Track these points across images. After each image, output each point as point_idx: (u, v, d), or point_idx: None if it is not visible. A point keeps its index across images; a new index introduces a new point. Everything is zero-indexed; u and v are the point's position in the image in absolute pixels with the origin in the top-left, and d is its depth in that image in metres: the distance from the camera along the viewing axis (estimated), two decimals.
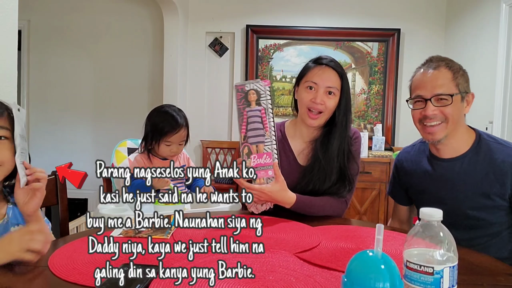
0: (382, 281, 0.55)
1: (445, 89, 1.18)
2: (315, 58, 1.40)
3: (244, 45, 3.72)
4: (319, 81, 1.32)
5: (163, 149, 1.83)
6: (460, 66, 1.23)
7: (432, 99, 1.19)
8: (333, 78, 1.33)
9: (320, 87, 1.32)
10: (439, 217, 0.67)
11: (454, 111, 1.18)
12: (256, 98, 1.14)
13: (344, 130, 1.36)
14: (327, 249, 0.95)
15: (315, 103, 1.32)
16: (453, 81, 1.18)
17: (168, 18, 3.50)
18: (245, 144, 1.14)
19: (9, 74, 1.33)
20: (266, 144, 1.15)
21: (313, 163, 1.35)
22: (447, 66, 1.20)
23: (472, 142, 1.23)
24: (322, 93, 1.32)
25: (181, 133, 1.82)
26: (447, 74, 1.19)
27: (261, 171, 1.15)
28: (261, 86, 1.15)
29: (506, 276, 0.85)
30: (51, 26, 3.94)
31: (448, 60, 1.23)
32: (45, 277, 0.79)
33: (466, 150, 1.23)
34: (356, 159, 1.40)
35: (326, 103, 1.32)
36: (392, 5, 3.66)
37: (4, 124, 0.95)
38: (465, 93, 1.20)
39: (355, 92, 3.72)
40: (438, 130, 1.19)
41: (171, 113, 1.83)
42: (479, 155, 1.21)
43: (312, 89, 1.33)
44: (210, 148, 3.79)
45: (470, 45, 3.15)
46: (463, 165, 1.21)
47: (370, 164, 3.23)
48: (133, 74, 3.91)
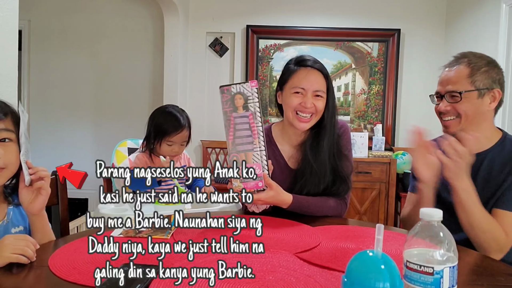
0: (382, 281, 0.55)
1: (457, 86, 1.20)
2: (296, 58, 1.36)
3: (244, 45, 3.72)
4: (306, 85, 1.29)
5: (165, 149, 1.83)
6: (489, 62, 1.22)
7: (446, 95, 1.23)
8: (319, 81, 1.31)
9: (308, 91, 1.29)
10: (439, 217, 0.67)
11: (468, 108, 1.20)
12: (243, 102, 1.08)
13: (332, 130, 1.34)
14: (327, 249, 0.95)
15: (305, 107, 1.29)
16: (468, 78, 1.19)
17: (169, 18, 3.50)
18: (234, 154, 1.10)
19: (9, 74, 1.33)
20: (255, 151, 1.10)
21: (304, 168, 1.33)
22: (468, 63, 1.21)
23: (496, 140, 1.24)
24: (310, 96, 1.29)
25: (184, 133, 1.83)
26: (464, 71, 1.20)
27: (250, 183, 1.11)
28: (248, 88, 1.08)
29: (506, 276, 0.85)
30: (51, 26, 3.94)
31: (473, 56, 1.23)
32: (45, 277, 0.79)
33: (489, 147, 1.23)
34: (349, 156, 1.36)
35: (316, 106, 1.30)
36: (392, 5, 3.66)
37: (8, 126, 0.94)
38: (485, 89, 1.19)
39: (355, 92, 3.72)
40: (452, 124, 1.24)
41: (174, 113, 1.84)
42: (501, 153, 1.21)
43: (299, 93, 1.30)
44: (210, 148, 3.80)
45: (470, 46, 3.14)
46: (484, 162, 1.22)
47: (370, 164, 3.23)
48: (133, 74, 3.91)
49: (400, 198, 3.33)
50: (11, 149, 0.94)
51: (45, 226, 1.02)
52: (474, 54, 1.24)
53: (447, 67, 1.26)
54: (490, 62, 1.23)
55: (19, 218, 1.03)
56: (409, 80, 3.67)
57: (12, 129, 0.94)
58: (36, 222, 1.00)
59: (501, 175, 1.18)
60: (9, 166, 0.94)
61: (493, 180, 1.19)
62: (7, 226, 1.00)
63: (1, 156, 0.91)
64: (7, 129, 0.93)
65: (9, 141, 0.94)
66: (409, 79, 3.66)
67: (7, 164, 0.93)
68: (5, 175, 0.95)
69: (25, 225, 1.04)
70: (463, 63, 1.22)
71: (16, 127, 0.95)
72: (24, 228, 1.03)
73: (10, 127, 0.94)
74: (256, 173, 1.10)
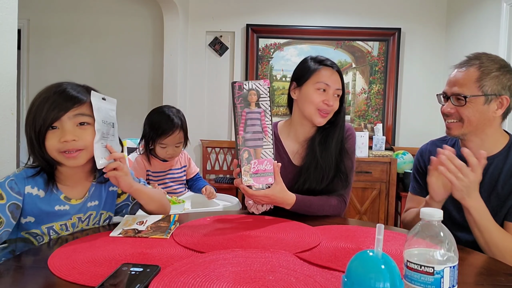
0: (382, 281, 0.54)
1: (463, 89, 1.16)
2: (316, 57, 1.41)
3: (244, 45, 3.72)
4: (331, 83, 1.36)
5: (159, 151, 1.82)
6: (502, 66, 1.16)
7: (452, 97, 1.19)
8: (339, 81, 1.39)
9: (331, 89, 1.36)
10: (439, 217, 0.67)
11: (471, 113, 1.16)
12: (256, 99, 1.11)
13: (342, 130, 1.40)
14: (327, 249, 0.95)
15: (327, 105, 1.35)
16: (476, 82, 1.14)
17: (168, 17, 3.50)
18: (245, 148, 1.11)
19: (8, 73, 1.33)
20: (264, 148, 1.12)
21: (309, 163, 1.36)
22: (479, 66, 1.15)
23: (503, 145, 1.20)
24: (331, 94, 1.36)
25: (176, 135, 1.81)
26: (473, 74, 1.15)
27: (261, 178, 1.12)
28: (261, 87, 1.12)
29: (506, 276, 0.84)
30: (50, 25, 3.94)
31: (486, 59, 1.17)
32: (44, 277, 0.79)
33: (495, 152, 1.20)
34: (351, 155, 1.41)
35: (334, 105, 1.37)
36: (392, 4, 3.66)
37: (86, 111, 1.03)
38: (493, 95, 1.14)
39: (356, 92, 3.72)
40: (454, 127, 1.20)
41: (167, 114, 1.82)
42: (508, 159, 1.18)
43: (323, 91, 1.36)
44: (210, 148, 3.79)
45: (470, 45, 3.14)
46: (490, 168, 1.18)
47: (370, 164, 3.22)
48: (133, 73, 3.91)
49: (400, 198, 3.33)
50: (89, 132, 1.03)
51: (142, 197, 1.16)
52: (488, 56, 1.18)
53: (457, 68, 1.21)
54: (503, 66, 1.16)
55: (97, 194, 1.14)
56: (409, 80, 3.66)
57: (91, 114, 1.03)
58: (134, 195, 1.16)
59: (508, 183, 1.15)
60: (88, 148, 1.03)
61: (499, 188, 1.16)
62: (85, 201, 1.11)
63: (80, 139, 1.01)
64: (84, 113, 1.03)
65: (87, 125, 1.03)
66: (410, 79, 3.66)
67: (86, 146, 1.03)
68: (84, 156, 1.04)
69: (100, 200, 1.15)
70: (474, 65, 1.16)
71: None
72: (98, 203, 1.14)
73: (87, 112, 1.03)
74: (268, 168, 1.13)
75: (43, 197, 1.04)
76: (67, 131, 1.00)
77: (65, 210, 1.07)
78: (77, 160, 1.02)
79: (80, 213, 1.10)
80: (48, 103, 1.00)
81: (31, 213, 1.03)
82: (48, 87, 1.06)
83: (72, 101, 1.02)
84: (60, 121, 1.00)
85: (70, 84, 1.06)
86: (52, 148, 1.01)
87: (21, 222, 1.03)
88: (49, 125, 1.00)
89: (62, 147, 1.00)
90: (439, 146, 1.35)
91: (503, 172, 1.17)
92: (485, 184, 1.18)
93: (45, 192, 1.05)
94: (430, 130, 3.50)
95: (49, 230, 1.05)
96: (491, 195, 1.17)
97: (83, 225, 1.12)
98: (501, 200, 1.16)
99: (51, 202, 1.05)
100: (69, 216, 1.08)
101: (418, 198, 1.37)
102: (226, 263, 0.82)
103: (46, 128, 1.00)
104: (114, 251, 0.89)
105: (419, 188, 1.38)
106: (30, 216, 1.03)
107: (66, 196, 1.08)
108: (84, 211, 1.11)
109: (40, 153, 1.02)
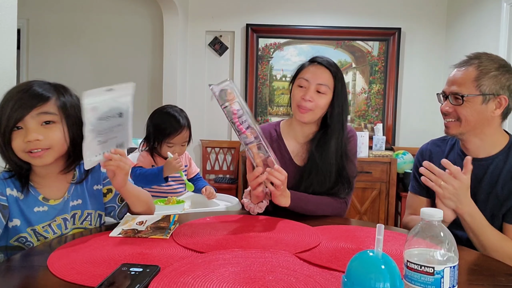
0: (383, 281, 0.54)
1: (461, 88, 1.15)
2: (312, 57, 1.40)
3: (244, 44, 3.72)
4: (311, 77, 1.32)
5: (166, 151, 1.83)
6: (501, 66, 1.15)
7: (450, 96, 1.19)
8: (325, 76, 1.33)
9: (311, 84, 1.32)
10: (439, 217, 0.67)
11: (469, 113, 1.15)
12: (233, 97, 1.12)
13: (341, 132, 1.35)
14: (327, 249, 0.95)
15: (304, 100, 1.31)
16: (474, 82, 1.14)
17: (168, 17, 3.49)
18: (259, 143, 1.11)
19: (8, 73, 1.33)
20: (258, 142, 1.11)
21: (310, 166, 1.34)
22: (478, 65, 1.15)
23: (503, 146, 1.20)
24: (313, 90, 1.32)
25: (183, 134, 1.82)
26: (472, 73, 1.15)
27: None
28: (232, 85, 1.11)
29: (506, 276, 0.84)
30: (50, 25, 3.94)
31: (485, 59, 1.16)
32: (44, 277, 0.78)
33: (495, 152, 1.19)
34: (353, 159, 1.39)
35: (316, 101, 1.32)
36: (392, 4, 3.66)
37: (51, 110, 1.01)
38: (491, 95, 1.14)
39: (356, 92, 3.72)
40: (452, 126, 1.20)
41: (173, 114, 1.83)
42: (507, 159, 1.17)
43: (303, 87, 1.33)
44: (210, 148, 3.79)
45: (471, 45, 3.14)
46: (490, 168, 1.18)
47: (370, 164, 3.22)
48: (132, 73, 3.91)
49: (400, 198, 3.33)
50: (54, 131, 1.01)
51: (130, 197, 1.15)
52: (488, 56, 1.17)
53: (457, 67, 1.20)
54: (502, 66, 1.15)
55: (78, 192, 1.13)
56: (409, 79, 3.66)
57: (56, 112, 1.01)
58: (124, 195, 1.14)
59: (508, 183, 1.15)
60: (53, 147, 1.01)
61: (499, 189, 1.16)
62: (67, 201, 1.10)
63: (44, 138, 0.99)
64: (48, 112, 1.00)
65: (53, 123, 1.01)
66: (410, 78, 3.66)
67: (52, 145, 1.01)
68: (51, 155, 1.02)
69: (84, 199, 1.13)
70: (473, 64, 1.16)
71: (60, 110, 1.02)
72: (82, 201, 1.13)
73: (52, 110, 1.01)
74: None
75: (22, 199, 1.03)
76: (31, 130, 0.98)
77: (44, 211, 1.05)
78: (43, 159, 1.00)
79: (63, 214, 1.08)
80: (11, 103, 0.98)
81: (16, 215, 1.02)
82: (14, 86, 1.03)
83: (36, 100, 0.99)
84: (24, 121, 0.98)
85: (37, 82, 1.03)
86: (18, 148, 0.99)
87: (8, 227, 1.01)
88: (13, 125, 0.98)
89: (27, 147, 0.98)
90: (439, 145, 1.35)
91: (503, 173, 1.17)
92: (485, 184, 1.18)
93: (23, 193, 1.04)
94: (430, 130, 3.50)
95: (35, 233, 1.03)
96: (490, 195, 1.17)
97: (73, 226, 1.10)
98: (500, 200, 1.16)
99: (30, 204, 1.04)
100: (51, 217, 1.06)
101: (418, 197, 1.37)
102: (226, 263, 0.82)
103: (10, 129, 0.98)
104: (113, 251, 0.89)
105: (419, 188, 1.38)
106: (15, 218, 1.02)
107: (44, 197, 1.06)
108: (67, 211, 1.09)
109: (8, 154, 1.00)
